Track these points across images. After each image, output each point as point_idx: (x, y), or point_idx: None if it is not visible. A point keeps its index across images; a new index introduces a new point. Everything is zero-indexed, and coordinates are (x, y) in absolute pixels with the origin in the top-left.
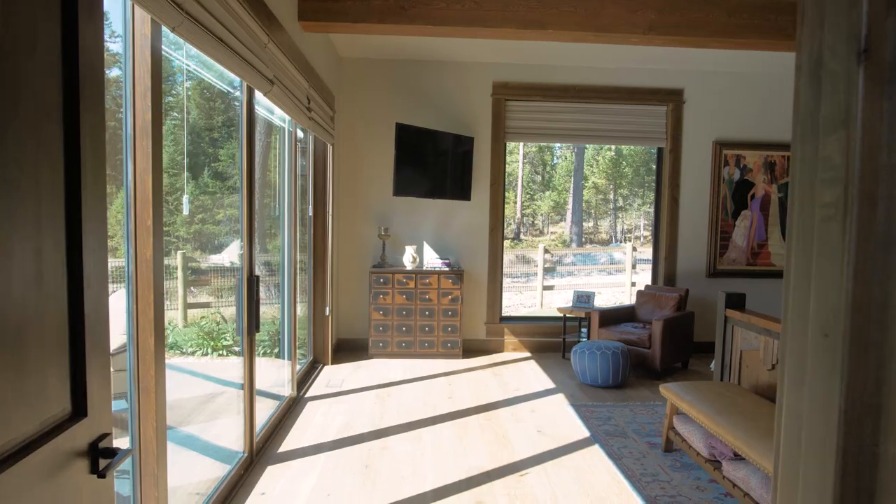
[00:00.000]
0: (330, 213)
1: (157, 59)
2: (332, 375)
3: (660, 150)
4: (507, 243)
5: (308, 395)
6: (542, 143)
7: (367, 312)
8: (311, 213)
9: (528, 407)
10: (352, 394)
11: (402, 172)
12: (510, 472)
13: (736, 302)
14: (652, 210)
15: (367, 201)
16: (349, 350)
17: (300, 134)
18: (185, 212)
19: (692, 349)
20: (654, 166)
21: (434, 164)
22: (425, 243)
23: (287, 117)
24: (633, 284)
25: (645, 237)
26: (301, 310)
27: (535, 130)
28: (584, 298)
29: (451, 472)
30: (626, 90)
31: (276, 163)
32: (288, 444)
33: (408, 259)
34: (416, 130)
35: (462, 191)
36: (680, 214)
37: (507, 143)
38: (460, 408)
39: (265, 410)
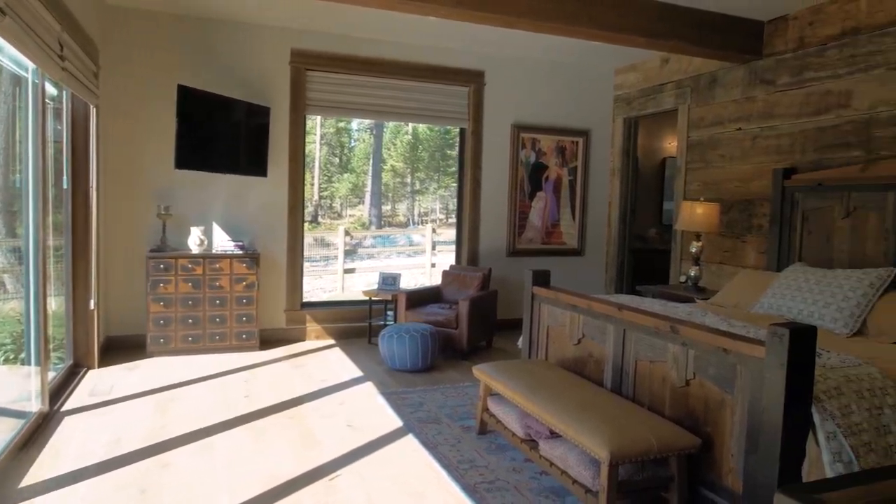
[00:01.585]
0: (94, 187)
1: None
2: (99, 381)
3: (462, 131)
4: (305, 226)
5: (66, 408)
6: (343, 119)
7: (145, 304)
8: (66, 187)
9: (335, 399)
10: (124, 402)
11: (186, 142)
12: (320, 477)
13: (542, 279)
14: (447, 194)
15: (144, 175)
16: (122, 349)
17: (52, 91)
18: None
19: (495, 327)
20: (450, 151)
21: (225, 134)
22: (215, 224)
23: (31, 66)
24: (434, 266)
25: (441, 220)
26: (56, 304)
27: (338, 104)
28: (389, 280)
29: (251, 484)
30: (431, 68)
31: (21, 125)
32: (34, 475)
33: (194, 242)
34: (203, 95)
35: (257, 166)
36: (482, 195)
37: (308, 117)
38: (259, 407)
39: (1, 434)
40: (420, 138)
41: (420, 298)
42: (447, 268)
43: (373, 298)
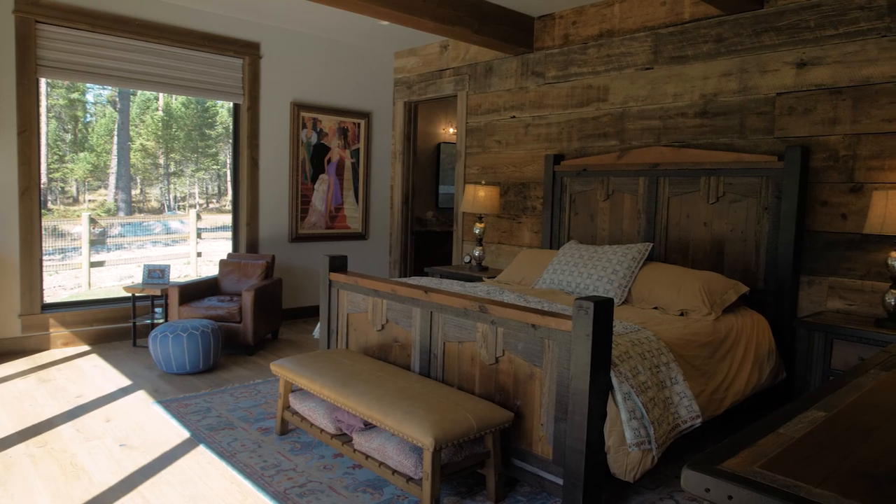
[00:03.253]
0: None
1: None
2: None
3: (237, 107)
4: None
5: None
6: (77, 89)
7: None
8: None
9: (100, 416)
10: None
11: None
12: None
13: (339, 265)
14: (207, 177)
15: None
16: None
17: None
18: None
19: (281, 317)
20: (209, 130)
21: None
22: None
23: None
24: (200, 255)
25: (201, 205)
26: None
27: (82, 67)
28: (156, 273)
29: None
30: (200, 35)
31: None
32: None
33: None
34: None
35: None
36: (260, 177)
37: (42, 81)
38: None
39: None
40: (174, 115)
41: (195, 292)
42: (224, 256)
43: (137, 294)
